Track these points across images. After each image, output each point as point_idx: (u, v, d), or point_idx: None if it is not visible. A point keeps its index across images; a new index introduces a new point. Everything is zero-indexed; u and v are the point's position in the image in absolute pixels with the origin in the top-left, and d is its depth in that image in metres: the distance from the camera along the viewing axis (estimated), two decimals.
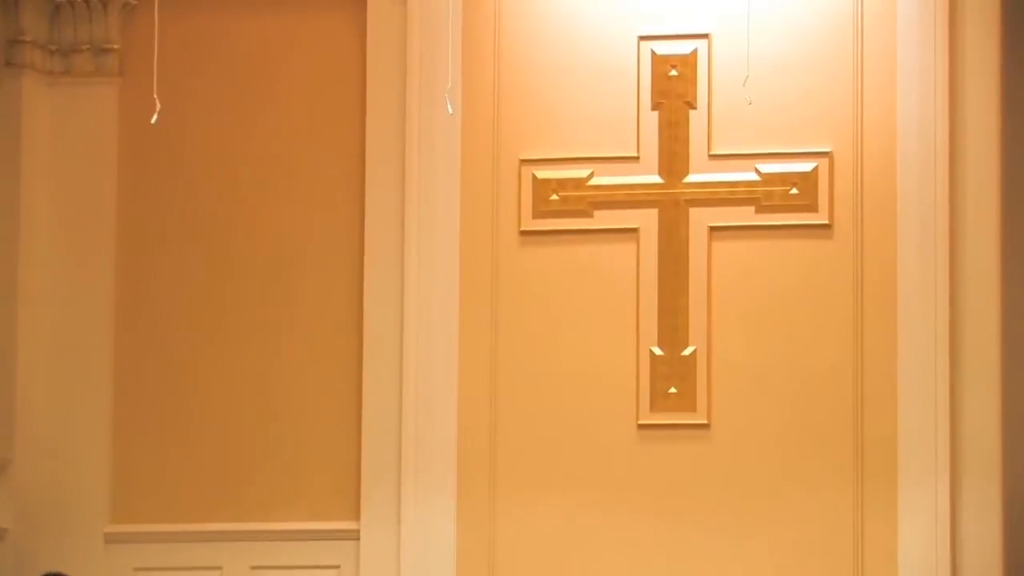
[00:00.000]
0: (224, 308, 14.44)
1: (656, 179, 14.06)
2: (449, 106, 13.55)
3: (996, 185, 13.58)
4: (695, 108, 14.05)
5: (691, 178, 14.03)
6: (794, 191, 13.96)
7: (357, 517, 14.09)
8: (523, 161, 14.18)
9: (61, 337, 14.51)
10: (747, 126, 13.91)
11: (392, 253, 14.20)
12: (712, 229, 13.99)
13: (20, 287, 14.46)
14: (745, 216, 13.98)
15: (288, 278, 14.41)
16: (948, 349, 13.59)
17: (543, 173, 14.16)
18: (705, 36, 14.06)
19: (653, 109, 14.11)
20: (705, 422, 13.90)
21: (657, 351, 13.98)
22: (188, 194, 14.57)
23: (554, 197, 14.16)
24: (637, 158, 14.09)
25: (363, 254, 14.27)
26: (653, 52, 14.13)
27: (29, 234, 14.55)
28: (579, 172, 14.13)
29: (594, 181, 14.12)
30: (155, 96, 12.76)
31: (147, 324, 14.55)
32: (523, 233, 14.16)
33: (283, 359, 14.33)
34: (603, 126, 14.12)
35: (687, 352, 13.96)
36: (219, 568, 14.22)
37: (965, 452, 13.53)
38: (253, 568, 14.19)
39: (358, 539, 14.05)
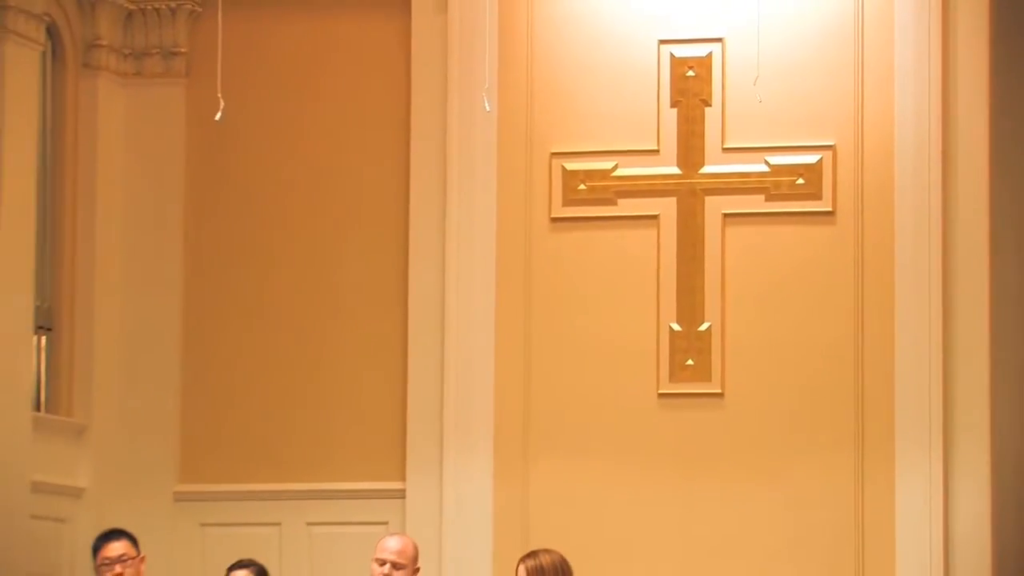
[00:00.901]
0: (281, 286, 14.48)
1: (675, 170, 14.09)
2: (486, 104, 13.56)
3: (985, 175, 13.56)
4: (710, 105, 14.07)
5: (706, 169, 14.05)
6: (800, 181, 13.98)
7: (403, 478, 14.13)
8: (553, 154, 14.20)
9: (134, 313, 14.59)
10: (757, 122, 13.93)
11: (435, 237, 14.23)
12: (726, 216, 14.01)
13: (97, 269, 14.53)
14: (756, 204, 14.00)
15: (339, 261, 14.46)
16: (941, 324, 13.59)
17: (572, 165, 14.19)
18: (719, 40, 14.07)
19: (672, 106, 14.12)
20: (719, 391, 13.93)
21: (675, 327, 14.01)
22: (249, 181, 14.62)
23: (581, 187, 14.19)
24: (657, 151, 14.11)
25: (408, 238, 14.30)
26: (672, 55, 14.14)
27: (105, 219, 14.61)
28: (604, 164, 14.16)
29: (618, 172, 14.15)
30: (219, 95, 12.78)
31: (212, 302, 14.61)
32: (553, 219, 14.19)
33: (336, 336, 14.37)
34: (626, 122, 14.13)
35: (703, 328, 13.98)
36: (278, 524, 14.26)
37: (956, 416, 13.52)
38: (309, 524, 14.23)
39: (404, 498, 14.08)
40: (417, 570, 9.89)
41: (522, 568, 9.70)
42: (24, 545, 13.56)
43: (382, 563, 9.79)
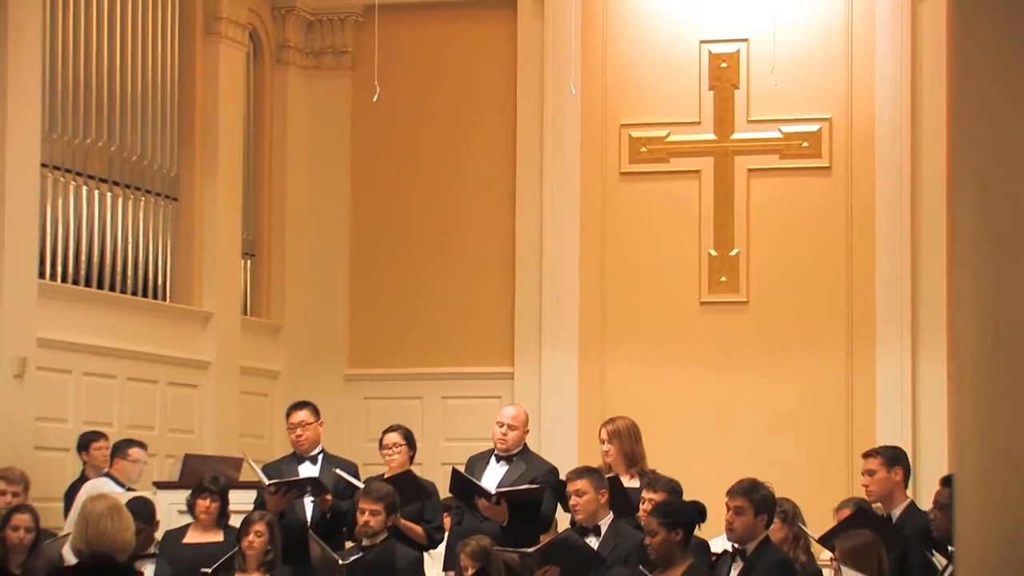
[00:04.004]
0: (423, 223, 14.49)
1: (712, 137, 14.06)
2: (572, 88, 13.63)
3: (943, 140, 13.45)
4: (738, 88, 14.02)
5: (735, 136, 14.01)
6: (805, 144, 13.94)
7: (512, 363, 14.17)
8: (622, 125, 14.17)
9: (313, 243, 14.61)
10: (773, 101, 13.87)
11: (534, 186, 14.22)
12: (750, 170, 13.97)
13: (287, 211, 14.59)
14: (772, 161, 13.98)
15: (465, 206, 14.44)
16: (910, 250, 13.56)
17: (635, 133, 14.17)
18: (745, 40, 14.01)
19: (709, 89, 14.09)
20: (745, 300, 13.92)
21: (712, 252, 14.00)
22: (396, 144, 14.62)
23: (643, 149, 14.17)
24: (699, 122, 14.07)
25: (515, 188, 14.32)
26: (710, 51, 14.10)
27: (292, 175, 14.65)
28: (660, 132, 14.13)
29: (670, 138, 14.11)
30: (376, 83, 12.88)
31: (371, 235, 14.63)
32: (622, 174, 14.17)
33: (463, 260, 14.38)
34: (676, 101, 14.09)
35: (733, 253, 13.96)
36: (420, 397, 14.30)
37: (922, 319, 13.51)
38: (443, 397, 14.27)
39: (512, 378, 14.12)
40: (527, 431, 9.84)
41: (603, 431, 9.70)
42: (238, 412, 13.75)
43: (501, 425, 9.68)
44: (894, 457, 8.77)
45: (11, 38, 11.45)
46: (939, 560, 8.18)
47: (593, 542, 8.66)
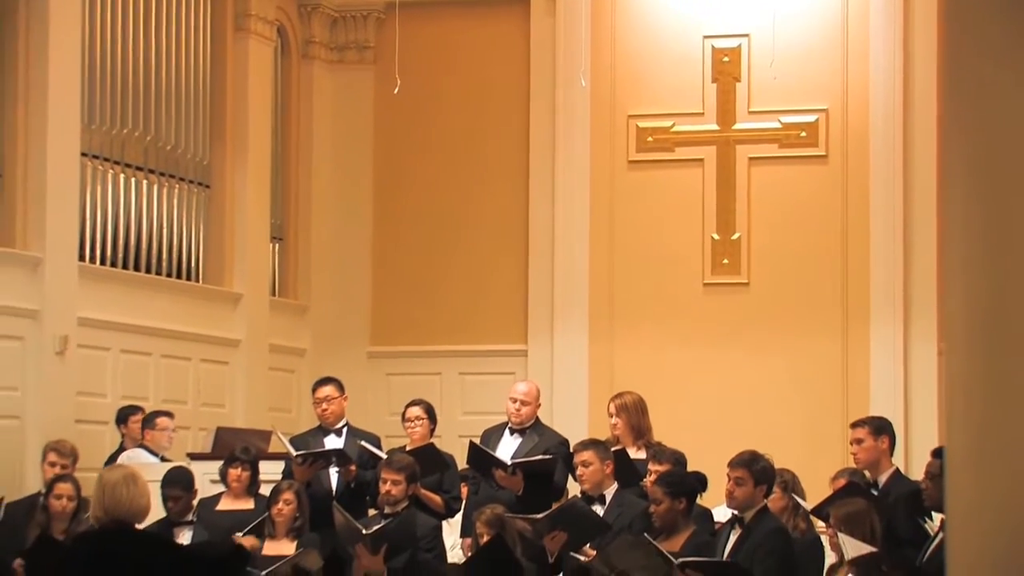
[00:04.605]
0: (440, 209, 14.45)
1: (714, 127, 14.01)
2: (583, 81, 13.62)
3: (933, 130, 13.37)
4: (740, 81, 13.97)
5: (737, 126, 13.97)
6: (803, 134, 13.89)
7: (525, 341, 14.15)
8: (630, 116, 14.13)
9: (338, 227, 14.60)
10: (772, 93, 13.81)
11: (547, 173, 14.19)
12: (750, 159, 13.93)
13: (313, 197, 14.58)
14: (771, 150, 13.93)
15: (481, 193, 14.41)
16: (903, 231, 13.51)
17: (643, 123, 14.12)
18: (746, 36, 13.96)
19: (712, 82, 14.04)
20: (746, 281, 13.88)
21: (715, 236, 13.96)
22: (416, 133, 14.58)
23: (649, 139, 14.13)
24: (702, 113, 14.03)
25: (529, 174, 14.28)
26: (713, 46, 14.05)
27: (318, 162, 14.65)
28: (665, 123, 14.09)
29: (675, 128, 14.07)
30: (396, 76, 12.89)
31: (392, 220, 14.61)
32: (630, 162, 14.13)
33: (479, 244, 14.35)
34: (681, 93, 14.04)
35: (734, 237, 13.92)
36: (439, 373, 14.27)
37: (913, 299, 13.45)
38: (460, 373, 14.25)
39: (526, 355, 14.11)
40: (539, 406, 9.87)
41: (611, 405, 9.72)
42: (267, 387, 13.77)
43: (514, 400, 9.72)
44: (880, 427, 8.83)
45: (53, 35, 11.52)
46: (931, 527, 8.22)
47: (599, 510, 8.69)
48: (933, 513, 8.25)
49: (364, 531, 8.68)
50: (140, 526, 6.60)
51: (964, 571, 5.12)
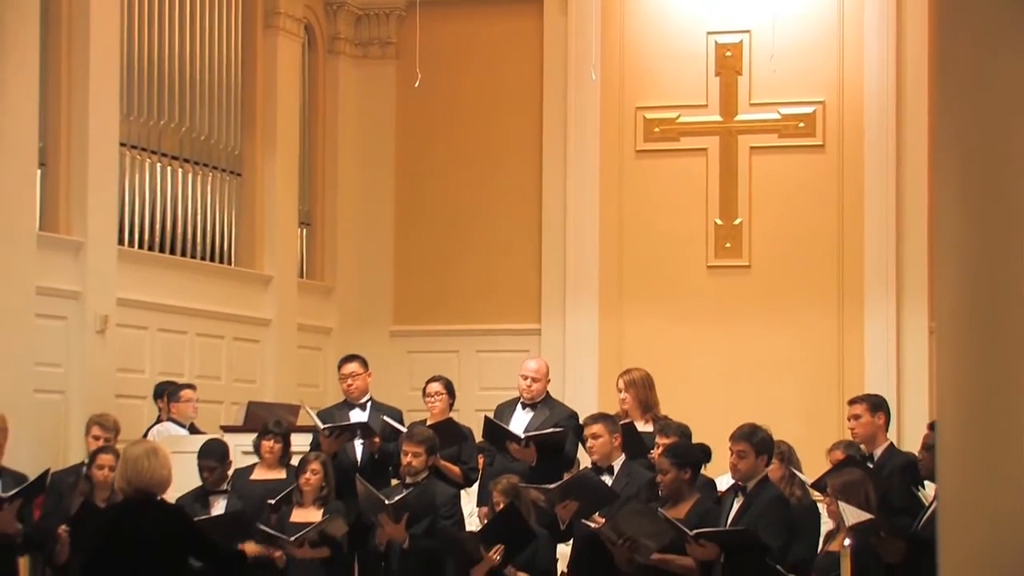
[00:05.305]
0: (458, 196, 14.42)
1: (717, 118, 13.96)
2: (593, 75, 13.58)
3: (924, 122, 13.33)
4: (741, 75, 13.92)
5: (739, 117, 13.91)
6: (801, 125, 13.84)
7: (539, 320, 14.13)
8: (637, 107, 14.09)
9: (362, 214, 14.57)
10: (772, 86, 13.76)
11: (559, 162, 14.15)
12: (752, 148, 13.88)
13: (339, 185, 14.55)
14: (772, 140, 13.87)
15: (498, 179, 14.37)
16: (895, 215, 13.45)
17: (650, 115, 14.08)
18: (747, 31, 13.90)
19: (715, 75, 13.98)
20: (747, 264, 13.84)
21: (718, 221, 13.92)
22: (436, 125, 14.55)
23: (656, 129, 14.08)
24: (706, 105, 13.98)
25: (542, 164, 14.24)
26: (716, 41, 14.00)
27: (344, 152, 14.62)
28: (671, 114, 14.04)
29: (681, 119, 14.03)
30: (417, 70, 12.86)
31: (412, 206, 14.59)
32: (638, 151, 14.09)
33: (495, 228, 14.32)
34: (685, 86, 14.00)
35: (736, 222, 13.88)
36: (457, 351, 14.26)
37: (906, 283, 13.39)
38: (477, 351, 14.23)
39: (540, 334, 14.09)
40: (549, 382, 9.87)
41: (620, 380, 9.73)
42: (295, 364, 13.78)
43: (525, 378, 9.72)
44: (877, 404, 8.96)
45: (93, 31, 11.53)
46: (925, 496, 8.25)
47: (607, 480, 8.69)
48: (927, 482, 8.29)
49: (386, 501, 8.69)
50: (164, 496, 6.61)
51: (956, 535, 5.11)
